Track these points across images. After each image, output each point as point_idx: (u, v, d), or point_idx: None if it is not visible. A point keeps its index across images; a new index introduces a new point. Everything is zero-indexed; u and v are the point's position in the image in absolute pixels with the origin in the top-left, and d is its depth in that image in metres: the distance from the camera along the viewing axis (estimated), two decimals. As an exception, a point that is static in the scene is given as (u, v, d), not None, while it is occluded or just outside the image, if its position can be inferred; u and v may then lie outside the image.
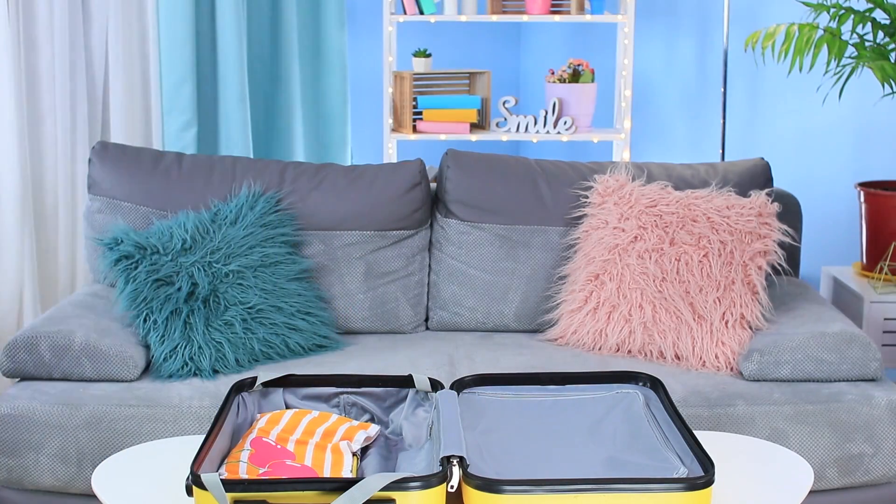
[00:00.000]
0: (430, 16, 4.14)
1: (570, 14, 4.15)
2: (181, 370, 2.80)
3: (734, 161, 3.34)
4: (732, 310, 2.92)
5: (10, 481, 2.71)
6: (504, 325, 3.20)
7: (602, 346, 3.01)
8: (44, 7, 3.79)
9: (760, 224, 3.01)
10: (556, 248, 3.19)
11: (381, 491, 1.82)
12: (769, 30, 3.68)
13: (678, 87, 4.52)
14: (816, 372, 2.81)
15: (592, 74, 4.17)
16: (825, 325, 2.87)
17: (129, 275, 2.90)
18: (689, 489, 1.83)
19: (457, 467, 1.89)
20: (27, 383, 2.76)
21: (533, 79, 4.75)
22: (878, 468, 2.76)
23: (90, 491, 2.49)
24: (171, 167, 3.20)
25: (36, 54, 3.82)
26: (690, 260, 2.97)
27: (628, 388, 2.31)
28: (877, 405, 2.74)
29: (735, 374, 2.88)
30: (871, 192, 3.70)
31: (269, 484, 1.86)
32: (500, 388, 2.33)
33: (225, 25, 4.10)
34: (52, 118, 3.85)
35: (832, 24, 3.63)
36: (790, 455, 2.19)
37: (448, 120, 4.16)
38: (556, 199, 3.20)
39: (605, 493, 1.84)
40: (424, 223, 3.22)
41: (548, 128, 4.13)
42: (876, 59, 3.52)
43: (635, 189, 3.12)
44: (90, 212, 3.20)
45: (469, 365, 2.87)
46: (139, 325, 2.85)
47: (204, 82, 4.15)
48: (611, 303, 3.02)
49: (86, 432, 2.67)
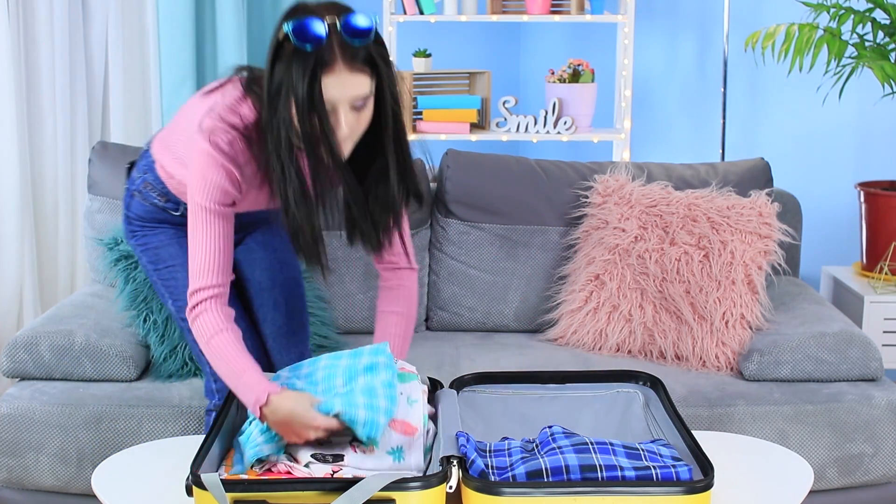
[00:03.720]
0: (430, 16, 4.14)
1: (570, 14, 4.15)
2: (181, 370, 2.80)
3: (734, 161, 3.34)
4: (732, 310, 2.92)
5: (10, 481, 2.71)
6: (504, 325, 3.20)
7: (602, 347, 3.01)
8: (44, 6, 3.79)
9: (760, 224, 3.01)
10: (556, 248, 3.19)
11: (380, 491, 1.82)
12: (769, 30, 3.68)
13: (678, 87, 4.52)
14: (816, 372, 2.81)
15: (592, 74, 4.17)
16: (825, 324, 2.87)
17: (129, 275, 2.90)
18: (689, 492, 1.83)
19: (456, 468, 1.89)
20: (27, 383, 2.77)
21: (533, 79, 4.74)
22: (878, 468, 2.76)
23: (90, 491, 2.48)
24: (171, 167, 3.20)
25: (36, 54, 3.82)
26: (691, 260, 2.97)
27: (628, 387, 2.31)
28: (877, 405, 2.74)
29: (735, 374, 2.88)
30: (871, 192, 3.70)
31: (268, 484, 1.86)
32: (500, 386, 2.33)
33: (225, 25, 4.10)
34: (52, 118, 3.85)
35: (832, 24, 3.63)
36: (790, 455, 2.19)
37: (448, 120, 4.16)
38: (556, 199, 3.20)
39: (604, 496, 1.84)
40: (424, 223, 3.21)
41: (548, 128, 4.13)
42: (876, 59, 3.52)
43: (635, 189, 3.12)
44: (90, 212, 3.19)
45: (469, 365, 2.87)
46: (139, 325, 2.85)
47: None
48: (611, 303, 3.01)
49: (86, 432, 2.67)
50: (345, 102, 2.00)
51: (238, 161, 2.11)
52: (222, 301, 2.12)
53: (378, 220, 2.18)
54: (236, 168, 2.11)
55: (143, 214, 2.38)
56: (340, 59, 1.97)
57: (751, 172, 3.24)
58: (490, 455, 2.02)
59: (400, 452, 2.01)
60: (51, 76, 3.83)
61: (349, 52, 1.97)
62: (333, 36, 1.96)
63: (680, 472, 1.89)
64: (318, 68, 1.96)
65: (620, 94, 4.23)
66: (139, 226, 2.40)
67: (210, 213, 2.11)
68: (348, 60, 1.97)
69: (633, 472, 1.89)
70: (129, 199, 2.42)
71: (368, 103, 2.03)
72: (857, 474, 2.76)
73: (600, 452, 1.94)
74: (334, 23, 1.97)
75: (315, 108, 1.98)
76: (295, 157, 2.04)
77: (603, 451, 1.94)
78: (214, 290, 2.11)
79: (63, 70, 3.83)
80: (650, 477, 1.88)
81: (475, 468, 1.89)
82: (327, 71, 1.97)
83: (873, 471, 2.76)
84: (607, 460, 1.91)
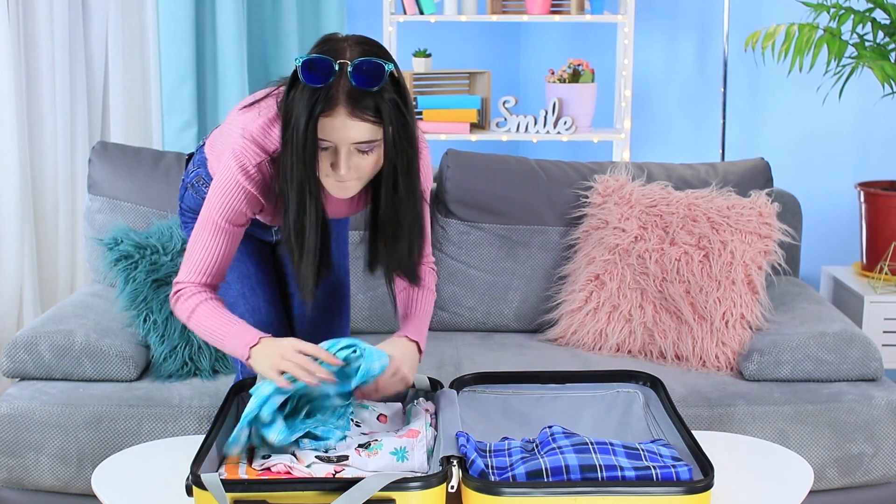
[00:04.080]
0: (430, 16, 4.14)
1: (570, 14, 4.15)
2: (181, 370, 2.81)
3: (734, 161, 3.34)
4: (732, 310, 2.92)
5: (10, 481, 2.71)
6: (504, 325, 3.20)
7: (602, 347, 3.01)
8: (44, 6, 3.79)
9: (761, 224, 3.01)
10: (556, 248, 3.18)
11: (380, 491, 1.82)
12: (769, 30, 3.68)
13: (678, 87, 4.52)
14: (816, 372, 2.81)
15: (592, 74, 4.17)
16: (825, 324, 2.87)
17: (128, 275, 2.90)
18: (689, 492, 1.83)
19: (456, 468, 1.89)
20: (27, 383, 2.76)
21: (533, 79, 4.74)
22: (878, 468, 2.76)
23: (90, 491, 2.49)
24: (171, 167, 3.20)
25: (36, 54, 3.82)
26: (691, 260, 2.97)
27: (628, 387, 2.31)
28: (877, 405, 2.74)
29: (735, 374, 2.88)
30: (871, 192, 3.70)
31: (268, 484, 1.86)
32: (499, 386, 2.32)
33: (225, 25, 4.10)
34: (52, 118, 3.85)
35: (832, 24, 3.63)
36: (790, 455, 2.19)
37: (448, 120, 4.16)
38: (556, 199, 3.20)
39: (604, 496, 1.84)
40: (424, 223, 3.21)
41: (548, 128, 4.13)
42: (876, 59, 3.51)
43: (635, 189, 3.12)
44: (90, 212, 3.19)
45: (469, 365, 2.87)
46: (139, 325, 2.85)
47: (204, 82, 4.15)
48: (611, 303, 3.01)
49: (86, 432, 2.67)
50: (346, 145, 1.99)
51: (265, 183, 2.14)
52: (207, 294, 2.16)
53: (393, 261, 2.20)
54: (261, 191, 2.14)
55: (194, 207, 2.41)
56: (342, 103, 1.96)
57: (751, 172, 3.24)
58: (490, 455, 2.02)
59: (403, 452, 2.01)
60: (51, 76, 3.83)
61: (353, 97, 1.96)
62: (341, 77, 1.95)
63: (680, 472, 1.89)
64: (319, 108, 1.95)
65: (620, 94, 4.23)
66: (191, 217, 2.43)
67: (220, 229, 2.14)
68: (350, 105, 1.96)
69: (633, 472, 1.89)
70: (184, 191, 2.46)
71: (376, 148, 2.02)
72: (857, 474, 2.76)
73: (600, 452, 1.94)
74: (345, 65, 1.95)
75: (307, 145, 1.98)
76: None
77: (603, 451, 1.94)
78: (201, 286, 2.15)
79: (63, 70, 3.83)
80: (650, 477, 1.88)
81: (475, 468, 1.89)
82: (327, 112, 1.96)
83: (873, 471, 2.76)
84: (607, 460, 1.91)
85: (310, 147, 1.98)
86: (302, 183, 2.03)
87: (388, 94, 1.99)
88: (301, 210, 2.06)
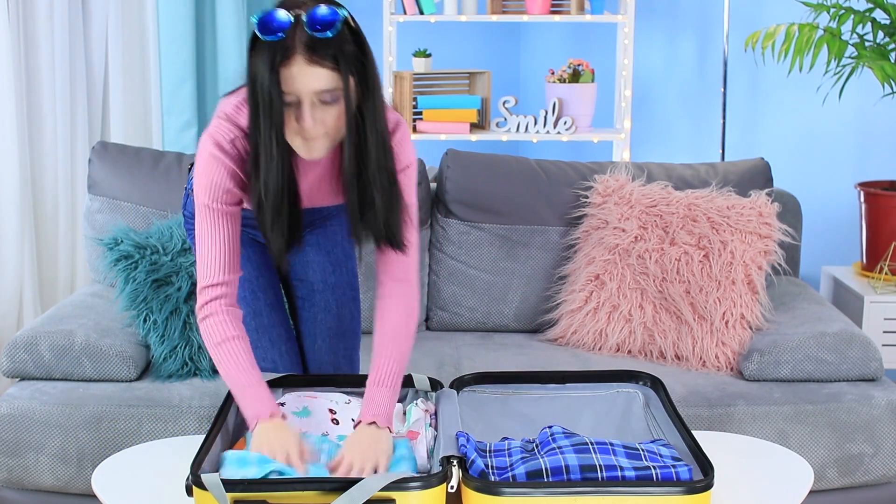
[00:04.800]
0: (430, 16, 4.14)
1: (570, 14, 4.15)
2: (181, 370, 2.80)
3: (734, 161, 3.34)
4: (732, 310, 2.92)
5: (10, 481, 2.71)
6: (504, 325, 3.20)
7: (602, 347, 3.01)
8: (44, 6, 3.79)
9: (760, 224, 3.01)
10: (556, 248, 3.19)
11: (380, 491, 1.82)
12: (769, 30, 3.68)
13: (678, 87, 4.53)
14: (816, 372, 2.81)
15: (592, 74, 4.17)
16: (825, 324, 2.87)
17: (128, 275, 2.90)
18: (689, 492, 1.83)
19: (456, 468, 1.89)
20: (27, 383, 2.76)
21: (533, 79, 4.75)
22: (878, 468, 2.76)
23: (90, 491, 2.48)
24: (171, 167, 3.20)
25: (36, 54, 3.82)
26: (691, 260, 2.97)
27: (628, 387, 2.31)
28: (877, 405, 2.74)
29: (735, 374, 2.88)
30: (871, 192, 3.70)
31: (269, 484, 1.86)
32: (500, 386, 2.32)
33: (225, 25, 4.10)
34: (52, 118, 3.85)
35: (832, 24, 3.63)
36: (790, 455, 2.19)
37: (448, 120, 4.16)
38: (556, 199, 3.20)
39: (604, 496, 1.84)
40: (424, 223, 3.22)
41: (548, 128, 4.13)
42: (876, 59, 3.51)
43: (635, 189, 3.12)
44: (90, 212, 3.20)
45: (469, 365, 2.87)
46: (139, 325, 2.85)
47: (204, 82, 4.15)
48: (611, 303, 3.02)
49: (86, 432, 2.67)
50: (308, 95, 1.98)
51: (241, 158, 2.12)
52: (230, 301, 2.14)
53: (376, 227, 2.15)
54: (239, 165, 2.12)
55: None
56: (300, 52, 1.95)
57: (751, 172, 3.24)
58: (490, 455, 2.02)
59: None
60: (51, 76, 3.83)
61: (310, 44, 1.96)
62: (297, 28, 1.96)
63: (680, 472, 1.89)
64: (278, 59, 1.95)
65: (620, 94, 4.23)
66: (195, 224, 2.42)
67: (214, 211, 2.13)
68: (308, 52, 1.95)
69: (633, 472, 1.89)
70: (186, 198, 2.46)
71: (340, 100, 2.01)
72: (857, 474, 2.76)
73: (600, 452, 1.94)
74: (299, 15, 1.96)
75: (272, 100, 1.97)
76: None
77: (603, 451, 1.94)
78: (222, 288, 2.13)
79: (63, 70, 3.83)
80: (650, 477, 1.88)
81: (475, 468, 1.89)
82: (286, 62, 1.96)
83: (873, 471, 2.76)
84: (607, 460, 1.91)
85: (276, 102, 1.97)
86: (269, 140, 2.01)
87: (347, 42, 1.99)
88: (269, 171, 2.04)
